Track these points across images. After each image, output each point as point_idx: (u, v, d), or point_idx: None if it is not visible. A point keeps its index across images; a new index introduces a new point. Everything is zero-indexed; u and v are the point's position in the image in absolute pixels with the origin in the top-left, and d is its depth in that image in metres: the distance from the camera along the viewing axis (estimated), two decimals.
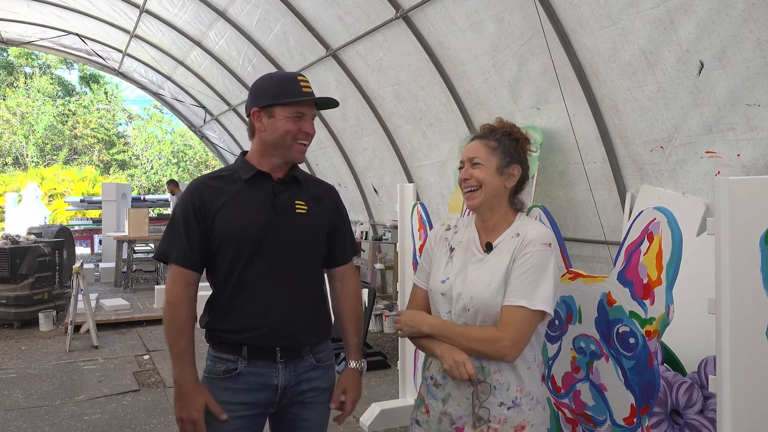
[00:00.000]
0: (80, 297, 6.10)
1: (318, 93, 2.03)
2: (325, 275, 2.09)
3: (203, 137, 14.22)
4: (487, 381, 1.71)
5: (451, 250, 1.86)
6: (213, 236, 1.85)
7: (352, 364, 2.02)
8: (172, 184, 11.53)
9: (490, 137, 1.81)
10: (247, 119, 1.96)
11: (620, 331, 1.90)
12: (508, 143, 1.80)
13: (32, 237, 7.83)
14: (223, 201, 1.86)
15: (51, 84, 25.12)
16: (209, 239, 1.86)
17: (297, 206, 1.91)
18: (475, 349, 1.69)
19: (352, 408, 2.00)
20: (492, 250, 1.77)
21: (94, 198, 16.91)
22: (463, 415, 1.73)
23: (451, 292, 1.78)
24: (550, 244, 1.70)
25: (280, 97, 1.84)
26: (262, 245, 1.84)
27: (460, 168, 1.84)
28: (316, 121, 8.26)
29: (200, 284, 1.95)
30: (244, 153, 1.97)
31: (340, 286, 2.07)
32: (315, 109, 1.93)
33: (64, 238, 8.28)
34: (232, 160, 12.01)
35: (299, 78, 1.89)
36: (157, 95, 13.63)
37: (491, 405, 1.70)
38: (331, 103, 1.97)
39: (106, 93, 26.53)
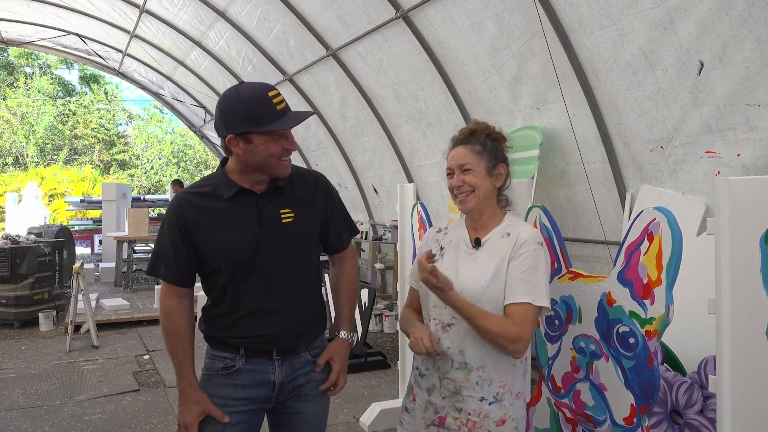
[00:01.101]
0: (80, 297, 6.10)
1: (318, 93, 2.01)
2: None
3: (203, 137, 14.22)
4: (446, 353, 1.80)
5: (441, 249, 1.94)
6: (202, 257, 1.85)
7: (343, 334, 2.00)
8: (178, 184, 11.50)
9: (474, 141, 1.86)
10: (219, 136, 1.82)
11: (620, 331, 1.90)
12: (490, 145, 1.86)
13: (32, 237, 7.82)
14: (207, 221, 1.83)
15: (51, 84, 25.11)
16: (198, 258, 1.85)
17: (283, 216, 1.86)
18: (494, 340, 1.73)
19: (337, 378, 1.97)
20: (480, 245, 1.84)
21: (94, 198, 16.90)
22: (446, 405, 1.81)
23: None
24: (541, 243, 1.80)
25: (256, 123, 1.70)
26: (254, 263, 1.83)
27: (449, 174, 1.88)
28: (316, 121, 8.29)
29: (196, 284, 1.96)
30: (224, 161, 1.89)
31: (338, 264, 2.08)
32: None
33: (64, 238, 8.28)
34: None
35: (270, 94, 1.73)
36: (157, 95, 13.62)
37: (472, 400, 1.77)
38: (310, 113, 1.95)
39: (106, 93, 26.51)
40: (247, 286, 1.84)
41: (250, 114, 1.70)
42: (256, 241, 1.83)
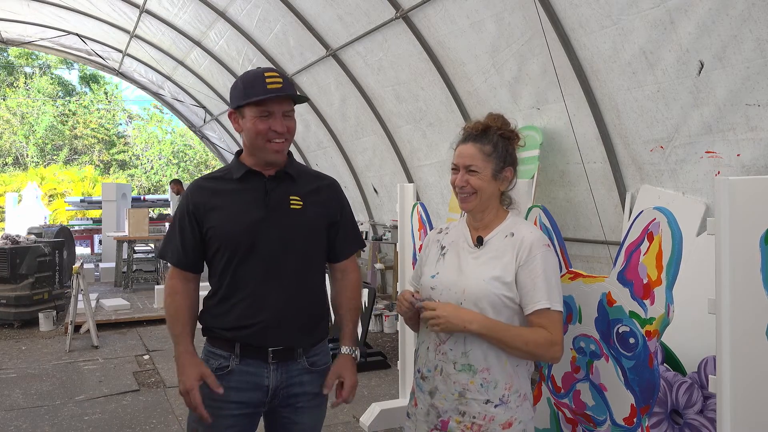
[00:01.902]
0: (80, 297, 6.10)
1: (318, 93, 2.01)
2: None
3: (203, 137, 14.22)
4: (425, 306, 1.75)
5: (442, 248, 1.91)
6: (207, 238, 1.88)
7: (345, 349, 1.99)
8: (177, 184, 11.51)
9: (485, 140, 1.80)
10: None
11: (620, 331, 1.90)
12: (502, 145, 1.81)
13: (32, 237, 7.82)
14: (216, 202, 1.87)
15: (51, 84, 25.11)
16: (204, 241, 1.89)
17: (291, 202, 1.89)
18: (531, 351, 1.71)
19: (349, 393, 1.97)
20: (483, 244, 1.81)
21: (94, 198, 16.91)
22: (449, 409, 1.77)
23: (442, 286, 1.81)
24: (548, 245, 1.77)
25: (246, 96, 1.81)
26: (255, 244, 1.84)
27: (454, 169, 1.85)
28: (316, 121, 8.29)
29: (202, 284, 1.97)
30: (239, 151, 1.97)
31: (340, 278, 2.07)
32: (289, 105, 1.86)
33: (64, 238, 8.29)
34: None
35: (266, 74, 1.81)
36: (157, 95, 13.63)
37: (476, 402, 1.73)
38: (303, 97, 1.98)
39: (106, 93, 26.52)
40: (247, 269, 1.85)
41: (245, 89, 1.82)
42: (260, 221, 1.85)
